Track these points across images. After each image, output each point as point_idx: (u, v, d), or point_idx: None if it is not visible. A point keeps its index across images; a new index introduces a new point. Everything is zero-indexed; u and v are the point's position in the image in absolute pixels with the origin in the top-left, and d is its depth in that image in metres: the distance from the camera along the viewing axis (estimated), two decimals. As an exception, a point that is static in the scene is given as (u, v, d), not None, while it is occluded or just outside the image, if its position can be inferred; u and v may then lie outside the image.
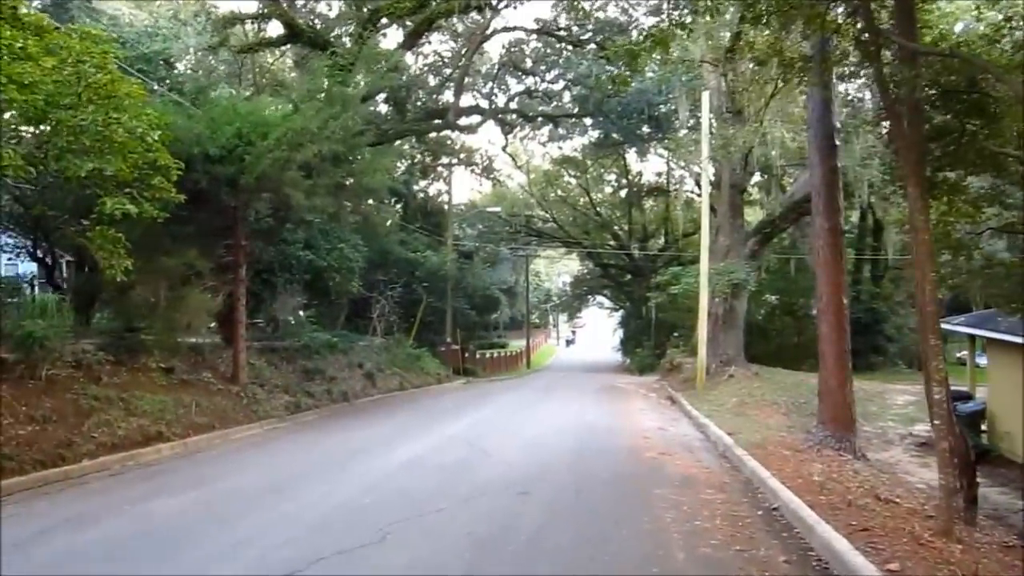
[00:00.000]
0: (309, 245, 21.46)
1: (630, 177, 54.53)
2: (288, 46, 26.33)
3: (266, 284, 20.21)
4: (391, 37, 30.39)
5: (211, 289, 15.37)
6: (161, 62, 17.71)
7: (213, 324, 18.24)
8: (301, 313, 28.55)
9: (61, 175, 9.82)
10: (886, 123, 11.75)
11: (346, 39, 27.70)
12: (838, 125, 12.19)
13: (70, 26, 10.52)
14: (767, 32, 11.01)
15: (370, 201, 17.90)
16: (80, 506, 8.36)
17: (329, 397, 19.83)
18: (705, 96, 20.54)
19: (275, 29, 26.81)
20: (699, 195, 48.69)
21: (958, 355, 53.08)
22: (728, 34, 22.18)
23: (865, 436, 16.86)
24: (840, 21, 9.39)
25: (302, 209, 14.57)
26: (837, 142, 12.09)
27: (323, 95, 15.39)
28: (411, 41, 27.53)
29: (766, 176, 30.64)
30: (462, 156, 46.02)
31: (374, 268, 33.33)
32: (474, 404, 21.08)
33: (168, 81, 16.92)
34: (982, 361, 50.05)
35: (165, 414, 12.95)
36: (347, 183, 15.80)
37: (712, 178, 23.79)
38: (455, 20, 31.90)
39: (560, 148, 57.21)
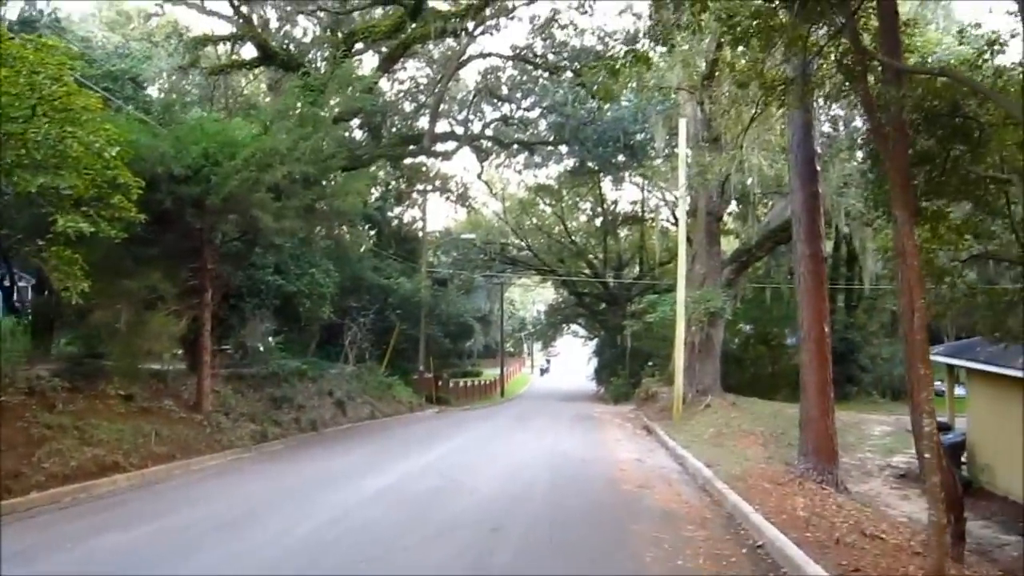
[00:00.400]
0: (279, 270, 20.94)
1: (605, 205, 54.54)
2: (261, 68, 25.97)
3: (234, 309, 19.64)
4: (366, 63, 30.24)
5: (175, 314, 14.76)
6: (129, 80, 17.24)
7: (178, 351, 17.70)
8: (271, 340, 28.09)
9: (12, 191, 9.33)
10: (864, 150, 11.60)
11: (321, 63, 27.43)
12: (819, 150, 11.98)
13: (24, 36, 10.08)
14: (747, 55, 10.79)
15: (344, 227, 17.34)
16: (21, 542, 7.80)
17: (297, 426, 19.27)
18: (682, 123, 20.40)
19: (249, 52, 26.49)
20: (675, 223, 49.12)
21: (935, 384, 53.62)
22: (705, 62, 22.17)
23: (844, 467, 16.52)
24: (823, 43, 9.17)
25: (270, 232, 14.11)
26: (818, 167, 11.89)
27: (294, 116, 15.01)
28: (386, 66, 27.28)
29: (742, 205, 30.59)
30: (437, 183, 45.72)
31: (346, 294, 32.77)
32: (447, 433, 20.61)
33: (135, 100, 16.46)
34: (958, 391, 50.18)
35: (122, 443, 12.38)
36: (318, 206, 15.37)
37: (688, 206, 23.62)
38: (431, 46, 31.76)
39: (535, 176, 57.38)
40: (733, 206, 30.98)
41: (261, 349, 20.62)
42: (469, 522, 8.46)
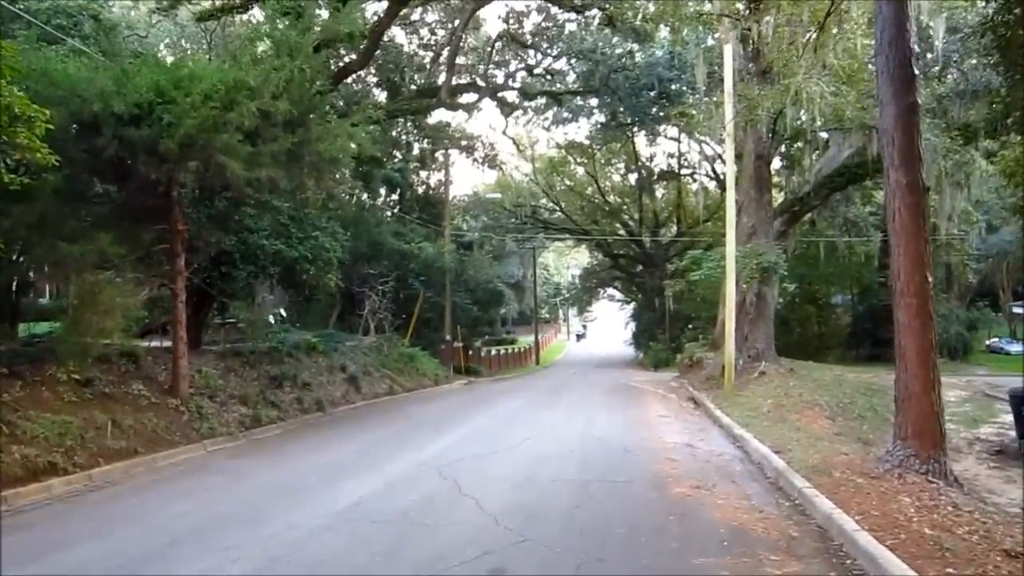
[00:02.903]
0: (280, 233, 18.74)
1: (639, 162, 51.78)
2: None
3: (226, 278, 17.49)
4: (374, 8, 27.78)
5: (138, 283, 12.59)
6: (90, 18, 14.95)
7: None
8: (279, 311, 26.05)
9: None
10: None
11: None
12: (916, 48, 9.35)
13: None
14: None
15: (336, 177, 14.99)
16: None
17: (299, 407, 17.17)
18: (727, 49, 17.65)
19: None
20: (715, 178, 46.42)
21: (988, 343, 50.48)
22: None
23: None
24: None
25: (242, 182, 11.80)
26: (916, 71, 9.28)
27: (268, 42, 12.67)
28: (396, 8, 24.75)
29: (795, 147, 27.74)
30: (462, 142, 43.13)
31: (364, 261, 30.73)
32: (465, 412, 18.31)
33: (95, 39, 14.13)
34: (1014, 348, 46.88)
35: (66, 439, 10.25)
36: (303, 152, 13.00)
37: (734, 150, 20.93)
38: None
39: (565, 134, 54.77)
40: (784, 148, 28.08)
41: (256, 321, 18.40)
42: (461, 559, 6.04)
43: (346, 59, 27.35)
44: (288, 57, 12.15)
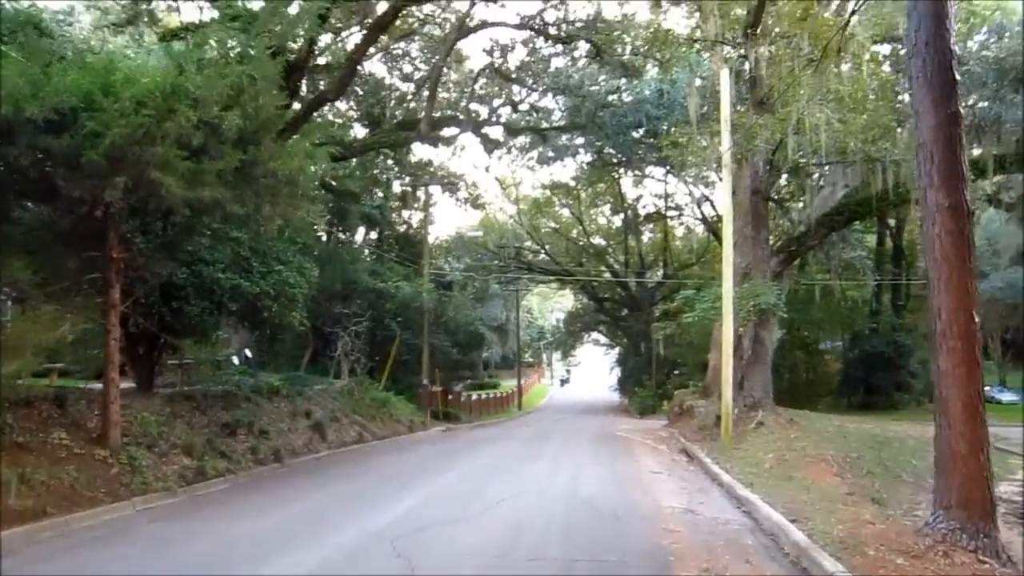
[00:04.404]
0: (239, 267, 17.22)
1: (625, 204, 50.79)
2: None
3: (176, 313, 15.91)
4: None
5: (58, 316, 11.02)
6: (32, 28, 13.52)
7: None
8: (247, 352, 24.45)
9: None
10: None
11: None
12: (956, 50, 8.05)
13: None
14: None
15: (304, 201, 13.49)
16: None
17: (253, 458, 15.49)
18: (724, 75, 16.42)
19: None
20: (702, 219, 45.38)
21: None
22: (747, 9, 18.36)
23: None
24: None
25: (179, 201, 10.31)
26: (957, 75, 7.97)
27: (216, 47, 11.30)
28: (373, 35, 23.56)
29: (792, 183, 26.52)
30: (445, 181, 41.83)
31: (338, 299, 29.25)
32: (438, 464, 16.68)
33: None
34: (1006, 397, 45.72)
35: (-45, 499, 8.65)
36: (255, 172, 11.55)
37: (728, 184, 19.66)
38: (432, 12, 28.09)
39: (551, 174, 53.76)
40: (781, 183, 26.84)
41: (207, 361, 16.81)
42: None
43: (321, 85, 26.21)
44: (237, 63, 10.76)
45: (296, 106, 22.66)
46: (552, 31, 28.36)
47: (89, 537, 9.15)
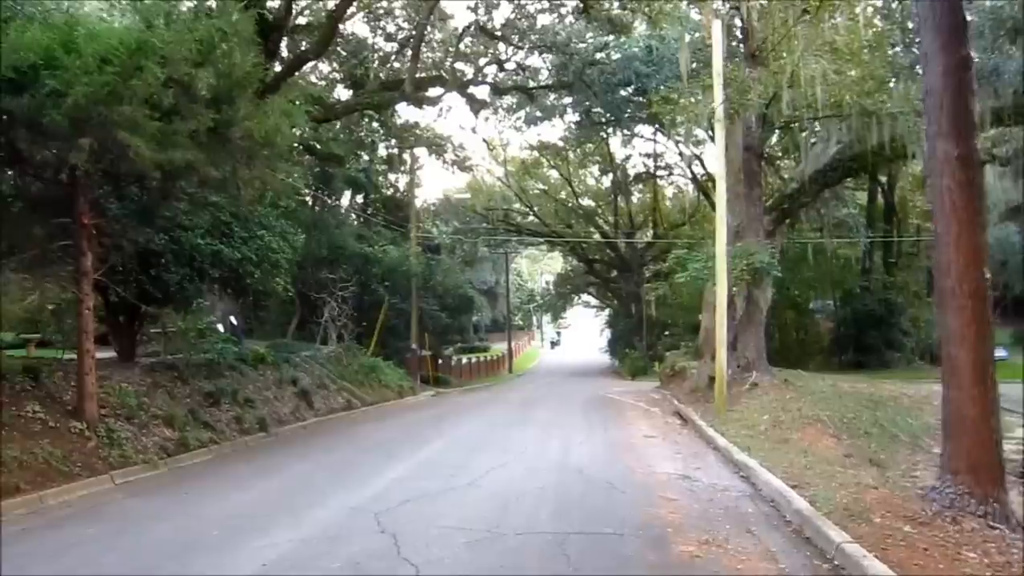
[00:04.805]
0: (221, 232, 16.72)
1: (614, 164, 50.18)
2: None
3: (156, 281, 15.43)
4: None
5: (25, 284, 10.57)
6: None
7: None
8: (232, 319, 23.98)
9: None
10: None
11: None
12: (968, -8, 7.60)
13: None
14: None
15: (281, 163, 13.01)
16: None
17: (238, 427, 15.19)
18: (716, 22, 15.87)
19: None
20: (692, 179, 44.89)
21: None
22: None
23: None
24: None
25: (148, 164, 9.81)
26: (968, 15, 7.51)
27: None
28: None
29: (784, 139, 26.03)
30: (432, 144, 41.07)
31: (324, 265, 28.80)
32: (425, 432, 16.35)
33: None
34: (998, 354, 46.12)
35: (-80, 478, 8.26)
36: (229, 134, 11.04)
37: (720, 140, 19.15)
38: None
39: (538, 135, 53.02)
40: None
41: (187, 330, 16.37)
42: None
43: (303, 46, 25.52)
44: (207, 15, 10.21)
45: (278, 68, 22.14)
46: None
47: (60, 516, 8.79)
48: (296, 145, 29.70)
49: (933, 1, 7.44)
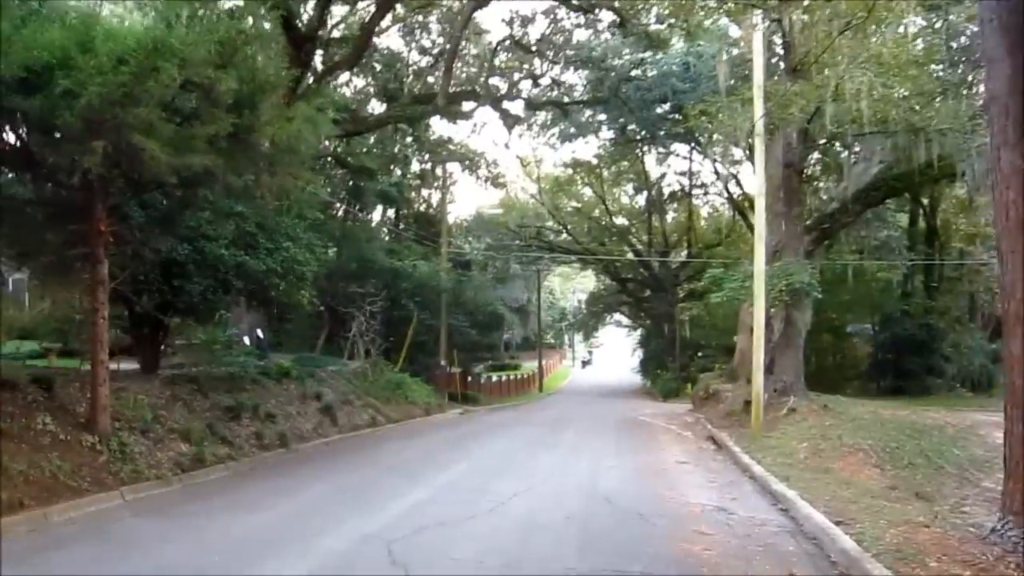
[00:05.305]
0: (245, 243, 16.42)
1: (649, 182, 49.62)
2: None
3: (178, 292, 15.15)
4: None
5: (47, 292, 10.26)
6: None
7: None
8: (259, 332, 23.73)
9: None
10: None
11: None
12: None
13: None
14: None
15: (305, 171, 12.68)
16: None
17: (258, 443, 14.76)
18: (756, 34, 15.35)
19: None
20: (729, 198, 44.12)
21: None
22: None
23: (997, 499, 11.67)
24: None
25: (163, 169, 9.47)
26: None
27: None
28: (388, 3, 22.66)
29: (823, 156, 25.30)
30: (465, 159, 40.84)
31: (352, 278, 28.52)
32: (450, 452, 15.87)
33: None
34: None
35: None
36: (250, 139, 10.69)
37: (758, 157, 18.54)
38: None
39: (573, 152, 52.69)
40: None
41: (210, 341, 16.03)
42: None
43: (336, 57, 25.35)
44: (228, 16, 9.89)
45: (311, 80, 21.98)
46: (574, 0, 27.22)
47: (62, 534, 8.38)
48: (328, 158, 29.69)
49: (999, 0, 6.86)
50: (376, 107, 35.06)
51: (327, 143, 26.60)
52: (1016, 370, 6.87)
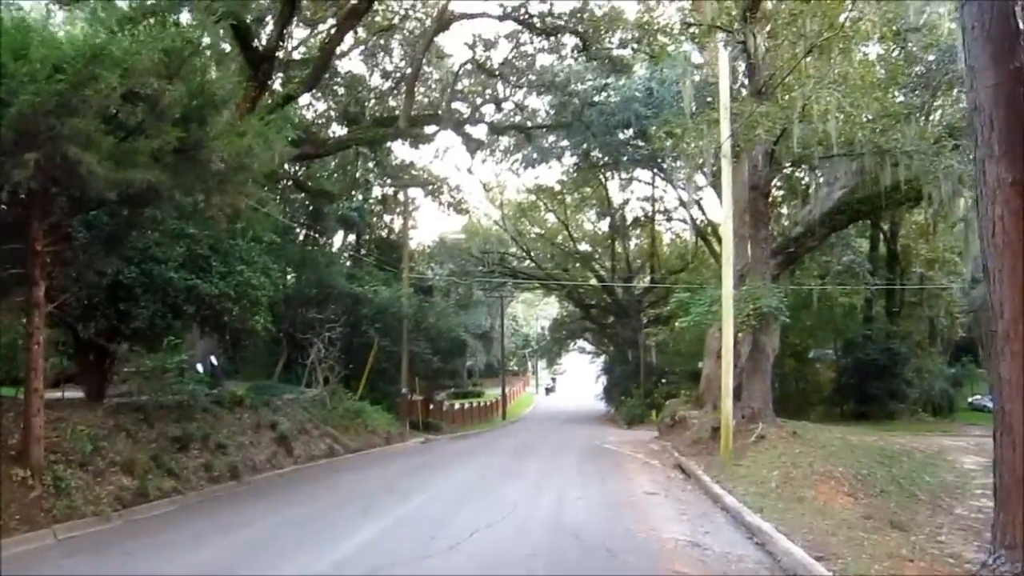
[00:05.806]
0: (197, 266, 15.74)
1: (612, 208, 49.56)
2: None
3: (124, 316, 14.46)
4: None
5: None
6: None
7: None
8: (212, 359, 22.93)
9: None
10: None
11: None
12: (1022, -1, 6.76)
13: None
14: None
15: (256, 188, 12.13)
16: None
17: (207, 475, 14.08)
18: (723, 54, 15.16)
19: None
20: (692, 224, 44.07)
21: (970, 400, 48.28)
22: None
23: (967, 526, 11.36)
24: None
25: (101, 183, 8.89)
26: (1022, 24, 6.69)
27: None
28: (348, 24, 22.24)
29: (787, 181, 25.25)
30: (427, 184, 40.36)
31: (312, 304, 27.84)
32: (409, 482, 15.24)
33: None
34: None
35: None
36: (198, 154, 10.13)
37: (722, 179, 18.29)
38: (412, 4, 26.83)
39: (536, 177, 52.51)
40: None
41: (154, 369, 15.29)
42: None
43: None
44: (174, 26, 9.37)
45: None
46: (537, 23, 27.02)
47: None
48: (287, 181, 29.09)
49: (983, 6, 6.58)
50: (337, 130, 34.60)
51: (287, 166, 26.09)
52: (1004, 394, 6.51)
